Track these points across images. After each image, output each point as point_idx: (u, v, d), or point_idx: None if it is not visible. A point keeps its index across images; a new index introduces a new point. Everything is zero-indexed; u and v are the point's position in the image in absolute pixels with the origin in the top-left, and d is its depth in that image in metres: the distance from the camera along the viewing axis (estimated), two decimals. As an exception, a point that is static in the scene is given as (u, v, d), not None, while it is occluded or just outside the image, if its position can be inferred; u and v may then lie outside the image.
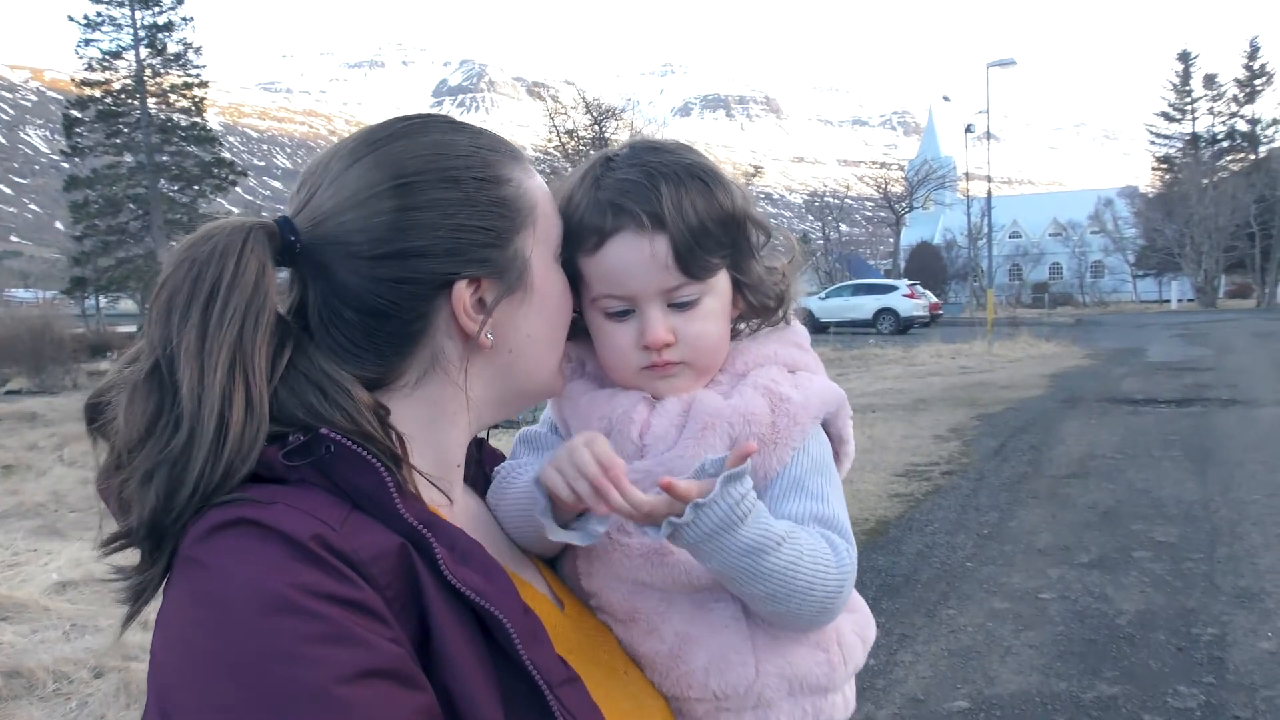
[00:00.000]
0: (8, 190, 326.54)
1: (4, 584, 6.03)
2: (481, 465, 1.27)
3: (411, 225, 1.02)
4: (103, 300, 51.42)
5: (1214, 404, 14.46)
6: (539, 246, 1.11)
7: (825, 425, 1.25)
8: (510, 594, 0.96)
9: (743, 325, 1.29)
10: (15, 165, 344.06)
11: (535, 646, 0.94)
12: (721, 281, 1.22)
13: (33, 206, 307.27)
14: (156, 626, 0.86)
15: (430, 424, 1.08)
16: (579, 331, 1.29)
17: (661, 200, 1.16)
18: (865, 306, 38.37)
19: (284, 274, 1.06)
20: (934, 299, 44.01)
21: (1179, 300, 72.54)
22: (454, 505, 1.11)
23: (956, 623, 5.67)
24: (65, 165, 54.44)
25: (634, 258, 1.16)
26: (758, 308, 1.28)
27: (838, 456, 1.26)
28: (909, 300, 38.90)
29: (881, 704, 4.65)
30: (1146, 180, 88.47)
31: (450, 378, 1.08)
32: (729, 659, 1.14)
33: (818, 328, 32.50)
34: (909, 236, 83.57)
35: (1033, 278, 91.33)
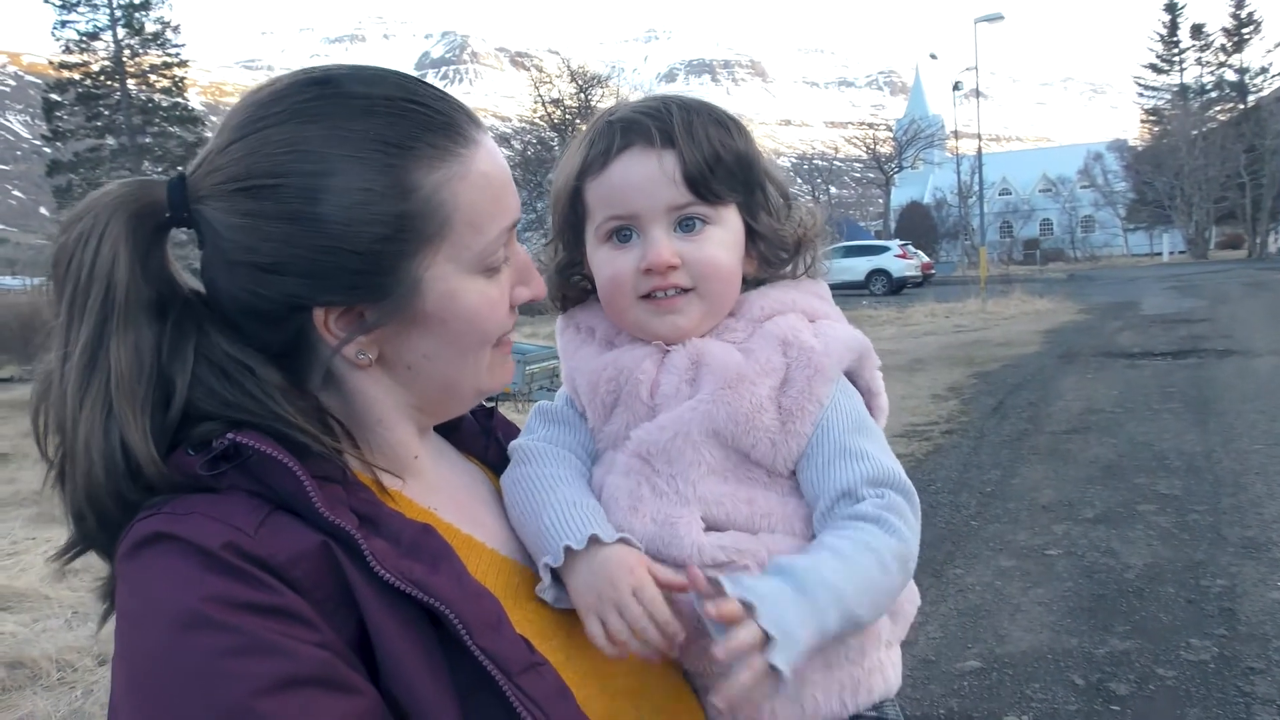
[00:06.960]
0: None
1: (3, 574, 5.97)
2: (493, 434, 1.22)
3: (267, 237, 0.89)
4: (91, 285, 51.14)
5: (1210, 355, 14.44)
6: (447, 263, 0.94)
7: (853, 379, 1.20)
8: (459, 581, 0.88)
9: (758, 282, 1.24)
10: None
11: (489, 634, 0.86)
12: (732, 218, 1.18)
13: (16, 193, 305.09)
14: None
15: (357, 423, 0.99)
16: (588, 296, 1.25)
17: (673, 119, 1.13)
18: (857, 268, 38.06)
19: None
20: (926, 259, 43.97)
21: (1171, 253, 72.61)
22: (452, 483, 1.07)
23: (964, 582, 5.65)
24: (47, 150, 53.93)
25: (641, 171, 1.13)
26: (771, 260, 1.22)
27: (871, 411, 1.20)
28: (901, 260, 38.78)
29: (893, 666, 4.63)
30: (1135, 133, 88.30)
31: (354, 385, 0.99)
32: None
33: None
34: (899, 197, 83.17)
35: (1024, 234, 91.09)
